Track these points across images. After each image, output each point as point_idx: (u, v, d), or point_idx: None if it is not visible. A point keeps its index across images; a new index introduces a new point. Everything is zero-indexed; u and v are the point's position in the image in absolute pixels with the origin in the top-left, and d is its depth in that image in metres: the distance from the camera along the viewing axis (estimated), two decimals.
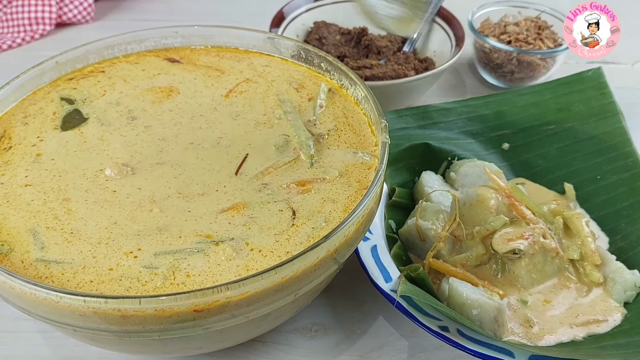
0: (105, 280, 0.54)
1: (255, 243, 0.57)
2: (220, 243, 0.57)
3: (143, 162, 0.65)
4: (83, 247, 0.57)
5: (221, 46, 0.81)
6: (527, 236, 0.70)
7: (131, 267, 0.55)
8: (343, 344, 0.70)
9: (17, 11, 1.19)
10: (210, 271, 0.55)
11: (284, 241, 0.57)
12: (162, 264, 0.55)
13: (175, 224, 0.58)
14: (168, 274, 0.54)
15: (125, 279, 0.54)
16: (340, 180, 0.63)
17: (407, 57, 1.00)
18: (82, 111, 0.71)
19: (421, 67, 0.99)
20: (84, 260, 0.56)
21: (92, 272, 0.55)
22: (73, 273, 0.55)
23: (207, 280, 0.54)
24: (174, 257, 0.56)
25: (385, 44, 1.03)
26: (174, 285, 0.53)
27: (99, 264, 0.55)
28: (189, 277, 0.54)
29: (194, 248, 0.56)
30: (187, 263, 0.55)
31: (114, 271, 0.55)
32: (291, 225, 0.59)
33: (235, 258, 0.55)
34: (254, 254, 0.56)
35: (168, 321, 0.51)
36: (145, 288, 0.53)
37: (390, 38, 1.05)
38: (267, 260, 0.56)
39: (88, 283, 0.54)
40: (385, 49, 1.02)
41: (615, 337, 0.66)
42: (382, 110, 0.67)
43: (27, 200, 0.61)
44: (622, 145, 0.86)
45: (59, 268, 0.55)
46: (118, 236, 0.58)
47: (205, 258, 0.56)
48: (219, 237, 0.57)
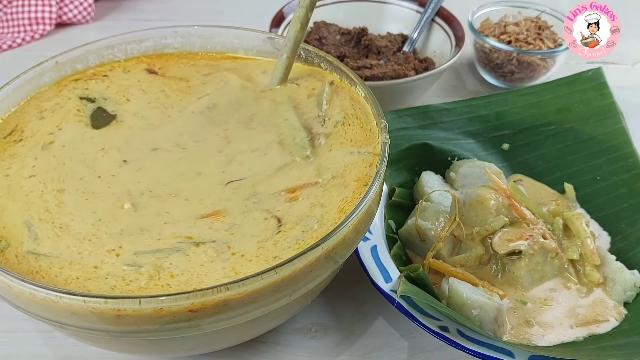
0: (92, 277, 0.54)
1: (237, 247, 0.56)
2: (201, 244, 0.56)
3: (139, 155, 0.66)
4: (70, 242, 0.57)
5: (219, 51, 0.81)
6: (527, 237, 0.70)
7: (114, 265, 0.55)
8: (343, 344, 0.70)
9: (17, 11, 1.19)
10: (195, 271, 0.55)
11: (270, 247, 0.56)
12: (145, 262, 0.55)
13: (155, 226, 0.58)
14: (153, 273, 0.54)
15: (110, 277, 0.54)
16: (334, 182, 0.62)
17: (407, 57, 1.00)
18: (106, 109, 0.72)
19: (421, 67, 0.99)
20: (70, 256, 0.56)
21: (78, 269, 0.55)
22: (60, 268, 0.55)
23: (192, 280, 0.54)
24: (155, 256, 0.55)
25: (385, 44, 1.03)
26: (158, 287, 0.53)
27: (85, 261, 0.55)
28: (173, 277, 0.54)
29: (174, 247, 0.56)
30: (170, 262, 0.55)
31: (99, 269, 0.55)
32: (277, 232, 0.58)
33: (216, 260, 0.55)
34: (236, 258, 0.56)
35: (161, 321, 0.51)
36: (129, 287, 0.53)
37: (390, 38, 1.06)
38: (253, 264, 0.55)
39: (75, 280, 0.54)
40: (385, 49, 1.02)
41: (615, 338, 0.66)
42: (382, 110, 0.67)
43: (26, 192, 0.61)
44: (622, 145, 0.86)
45: (47, 262, 0.55)
46: (103, 234, 0.58)
47: (186, 258, 0.55)
48: (200, 239, 0.57)
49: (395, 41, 1.05)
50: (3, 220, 0.59)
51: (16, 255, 0.56)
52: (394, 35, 1.07)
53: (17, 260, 0.56)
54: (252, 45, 0.79)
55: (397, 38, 1.06)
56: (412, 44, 1.05)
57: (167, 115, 0.71)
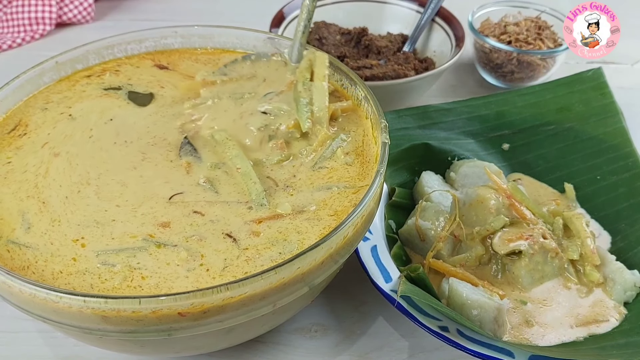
0: (72, 272, 0.55)
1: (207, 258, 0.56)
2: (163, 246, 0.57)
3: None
4: (46, 227, 0.58)
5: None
6: (527, 237, 0.70)
7: (89, 260, 0.55)
8: (343, 344, 0.70)
9: (17, 11, 1.20)
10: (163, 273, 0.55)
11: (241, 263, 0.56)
12: (117, 261, 0.55)
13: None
14: (128, 273, 0.54)
15: (88, 273, 0.54)
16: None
17: (407, 57, 1.00)
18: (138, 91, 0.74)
19: (421, 67, 0.99)
20: (50, 247, 0.57)
21: (59, 262, 0.55)
22: (44, 261, 0.55)
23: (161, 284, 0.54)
24: (125, 254, 0.56)
25: (385, 44, 1.03)
26: (130, 288, 0.53)
27: (61, 252, 0.56)
28: (144, 279, 0.54)
29: (138, 247, 0.57)
30: (137, 261, 0.55)
31: (77, 262, 0.55)
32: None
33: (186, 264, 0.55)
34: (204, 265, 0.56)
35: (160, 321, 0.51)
36: (104, 286, 0.54)
37: (390, 38, 1.06)
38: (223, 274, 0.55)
39: (58, 274, 0.54)
40: (385, 49, 1.02)
41: (615, 337, 0.66)
42: (382, 110, 0.67)
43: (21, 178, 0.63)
44: (622, 145, 0.86)
45: (33, 254, 0.56)
46: (67, 220, 0.59)
47: (153, 257, 0.56)
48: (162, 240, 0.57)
49: (395, 41, 1.05)
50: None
51: (8, 250, 0.56)
52: (394, 35, 1.07)
53: (10, 255, 0.56)
54: (252, 45, 0.79)
55: (397, 38, 1.06)
56: (412, 43, 1.05)
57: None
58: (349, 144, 0.67)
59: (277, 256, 0.56)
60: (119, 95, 0.73)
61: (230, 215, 0.60)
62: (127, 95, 0.73)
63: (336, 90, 0.74)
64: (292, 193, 0.62)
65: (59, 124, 0.69)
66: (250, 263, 0.55)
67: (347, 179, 0.64)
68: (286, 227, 0.59)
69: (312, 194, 0.62)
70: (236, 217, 0.59)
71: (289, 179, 0.64)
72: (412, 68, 0.97)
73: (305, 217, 0.60)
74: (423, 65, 1.00)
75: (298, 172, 0.64)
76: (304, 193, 0.62)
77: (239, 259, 0.56)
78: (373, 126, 0.68)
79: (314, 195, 0.62)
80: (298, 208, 0.60)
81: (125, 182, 0.62)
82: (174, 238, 0.57)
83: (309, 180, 0.64)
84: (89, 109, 0.71)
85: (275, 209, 0.60)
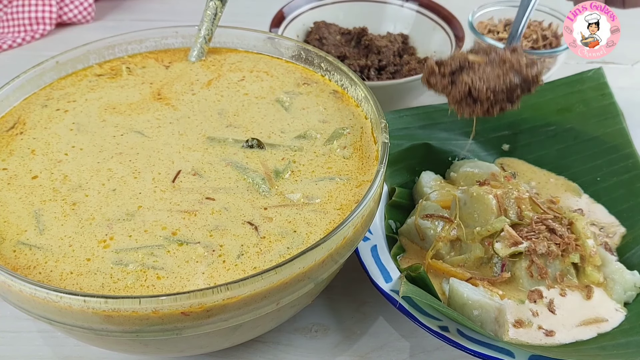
0: (83, 273, 0.54)
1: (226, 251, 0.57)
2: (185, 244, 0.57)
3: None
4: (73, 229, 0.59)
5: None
6: (528, 237, 0.70)
7: (104, 260, 0.55)
8: (343, 344, 0.70)
9: (17, 11, 1.20)
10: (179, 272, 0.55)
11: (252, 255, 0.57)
12: (131, 260, 0.55)
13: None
14: (141, 274, 0.54)
15: (100, 273, 0.54)
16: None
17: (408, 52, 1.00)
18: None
19: (421, 67, 0.99)
20: (67, 249, 0.56)
21: (71, 262, 0.55)
22: (55, 261, 0.55)
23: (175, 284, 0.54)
24: (143, 252, 0.56)
25: (385, 44, 1.03)
26: (144, 287, 0.54)
27: (75, 253, 0.56)
28: (159, 278, 0.54)
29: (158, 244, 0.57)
30: (154, 260, 0.55)
31: (91, 262, 0.55)
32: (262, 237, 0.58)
33: (203, 262, 0.56)
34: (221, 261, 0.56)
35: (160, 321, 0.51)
36: (116, 286, 0.54)
37: (390, 38, 1.05)
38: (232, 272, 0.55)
39: (68, 274, 0.54)
40: (385, 49, 1.02)
41: (615, 337, 0.66)
42: (382, 110, 0.67)
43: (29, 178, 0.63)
44: (622, 146, 0.86)
45: (43, 255, 0.56)
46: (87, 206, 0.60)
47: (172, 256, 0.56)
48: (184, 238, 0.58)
49: (395, 41, 1.05)
50: (3, 215, 0.59)
51: (14, 250, 0.56)
52: (394, 35, 1.07)
53: (15, 255, 0.56)
54: (252, 45, 0.80)
55: (397, 38, 1.06)
56: (515, 38, 0.84)
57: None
58: (345, 138, 0.68)
59: (285, 251, 0.56)
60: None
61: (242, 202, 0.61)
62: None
63: (336, 91, 0.74)
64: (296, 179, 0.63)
65: (62, 123, 0.69)
66: (260, 257, 0.56)
67: (347, 172, 0.64)
68: (294, 217, 0.60)
69: (317, 184, 0.63)
70: (246, 203, 0.61)
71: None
72: (412, 68, 0.97)
73: (312, 208, 0.60)
74: (423, 65, 1.00)
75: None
76: (307, 182, 0.63)
77: (256, 247, 0.57)
78: (373, 126, 0.68)
79: (318, 185, 0.63)
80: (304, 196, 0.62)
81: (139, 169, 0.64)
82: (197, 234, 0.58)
83: (310, 167, 0.65)
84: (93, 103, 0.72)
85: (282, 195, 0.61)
